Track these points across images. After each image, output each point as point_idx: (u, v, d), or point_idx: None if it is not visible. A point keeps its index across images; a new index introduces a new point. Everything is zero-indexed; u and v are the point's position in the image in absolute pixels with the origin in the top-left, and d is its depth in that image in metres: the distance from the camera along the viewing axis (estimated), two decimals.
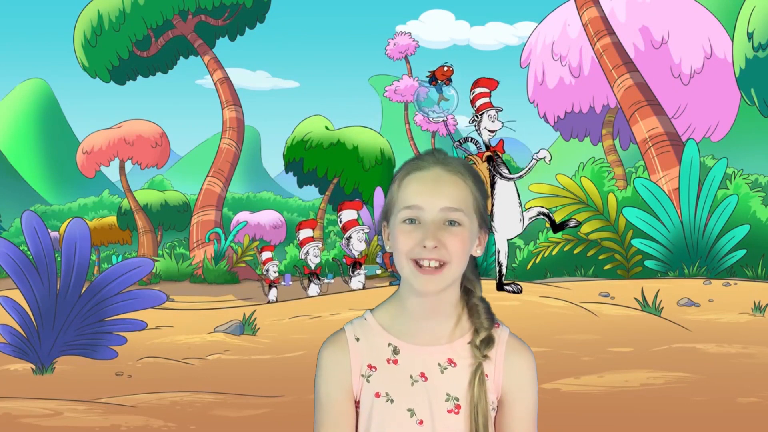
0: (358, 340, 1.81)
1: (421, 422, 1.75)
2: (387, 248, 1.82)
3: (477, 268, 1.85)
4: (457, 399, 1.76)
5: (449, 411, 1.76)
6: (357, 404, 1.80)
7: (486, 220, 1.83)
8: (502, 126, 9.73)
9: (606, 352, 7.25)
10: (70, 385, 6.78)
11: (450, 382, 1.76)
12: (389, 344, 1.80)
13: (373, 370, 1.79)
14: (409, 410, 1.76)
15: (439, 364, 1.77)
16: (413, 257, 1.74)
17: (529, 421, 1.82)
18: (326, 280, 12.82)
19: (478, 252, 1.81)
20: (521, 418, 1.81)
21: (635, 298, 9.31)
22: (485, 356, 1.77)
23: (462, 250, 1.75)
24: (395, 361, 1.78)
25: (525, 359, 1.82)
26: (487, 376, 1.78)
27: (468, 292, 1.83)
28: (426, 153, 1.83)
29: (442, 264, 1.73)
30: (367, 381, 1.79)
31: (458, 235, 1.74)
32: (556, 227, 9.81)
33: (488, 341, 1.78)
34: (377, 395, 1.77)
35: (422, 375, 1.77)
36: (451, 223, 1.75)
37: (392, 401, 1.76)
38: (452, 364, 1.77)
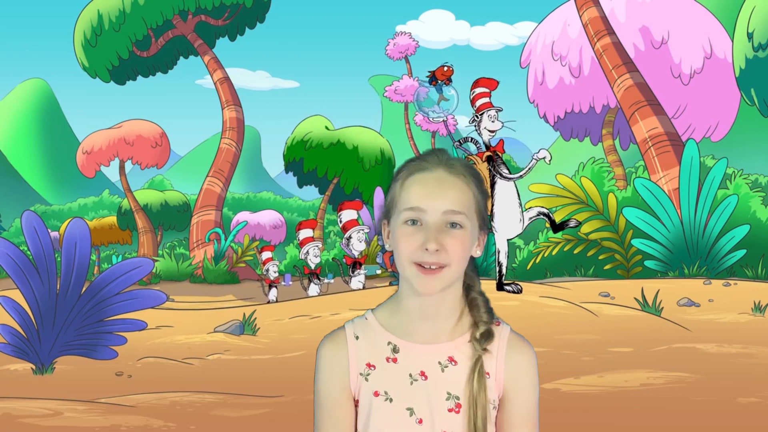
0: (357, 338, 1.81)
1: (420, 421, 1.75)
2: (387, 246, 1.81)
3: (476, 266, 1.86)
4: (458, 398, 1.75)
5: (450, 410, 1.75)
6: (356, 403, 1.80)
7: (486, 221, 1.83)
8: (502, 126, 9.72)
9: (606, 352, 7.25)
10: (70, 385, 6.77)
11: (451, 380, 1.76)
12: (389, 343, 1.79)
13: (372, 368, 1.78)
14: (408, 409, 1.75)
15: (440, 363, 1.77)
16: (415, 260, 1.73)
17: (530, 419, 1.81)
18: (326, 280, 12.82)
19: (477, 252, 1.81)
20: (522, 415, 1.81)
21: (635, 298, 9.30)
22: (485, 350, 1.77)
23: (462, 253, 1.75)
24: (395, 360, 1.78)
25: (526, 356, 1.81)
26: (488, 374, 1.77)
27: (468, 287, 1.83)
28: (428, 153, 1.82)
29: (441, 267, 1.73)
30: (366, 380, 1.78)
31: (459, 238, 1.74)
32: (556, 227, 9.81)
33: (487, 335, 1.78)
34: (376, 394, 1.77)
35: (422, 374, 1.76)
36: (453, 225, 1.74)
37: (391, 400, 1.76)
38: (453, 363, 1.77)
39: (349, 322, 1.85)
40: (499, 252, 9.57)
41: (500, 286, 9.37)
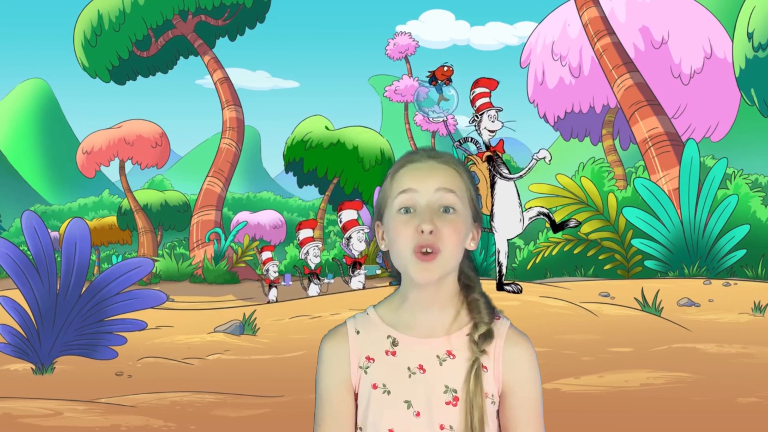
0: (358, 333, 1.82)
1: (417, 414, 1.75)
2: (382, 247, 1.82)
3: (473, 263, 1.86)
4: (455, 391, 1.76)
5: (447, 403, 1.76)
6: (356, 396, 1.81)
7: (479, 214, 1.85)
8: (502, 126, 9.72)
9: (606, 352, 7.25)
10: (70, 385, 6.78)
11: (449, 374, 1.77)
12: (388, 336, 1.80)
13: (371, 361, 1.79)
14: (405, 402, 1.76)
15: (438, 356, 1.78)
16: (413, 246, 1.74)
17: (532, 413, 1.81)
18: (326, 280, 12.82)
19: (472, 245, 1.82)
20: (524, 409, 1.81)
21: (635, 298, 9.30)
22: (483, 351, 1.77)
23: (456, 238, 1.76)
24: (393, 353, 1.79)
25: (524, 351, 1.81)
26: (486, 368, 1.78)
27: (467, 287, 1.83)
28: (417, 150, 1.86)
29: (436, 252, 1.73)
30: (365, 373, 1.79)
31: (453, 222, 1.75)
32: (556, 227, 9.81)
33: (487, 336, 1.78)
34: (374, 387, 1.78)
35: (420, 367, 1.77)
36: (446, 210, 1.76)
37: (389, 393, 1.77)
38: (451, 356, 1.78)
39: (350, 318, 1.87)
40: (499, 252, 9.57)
41: (500, 286, 9.37)
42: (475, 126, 9.80)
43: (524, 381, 1.80)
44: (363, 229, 12.19)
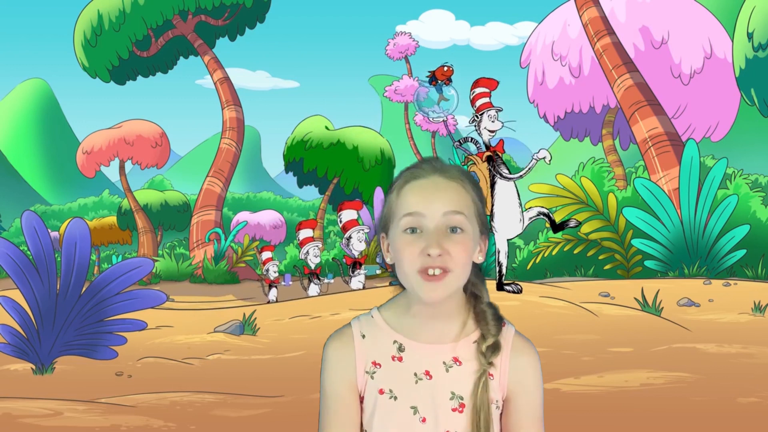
0: (363, 336, 1.82)
1: (423, 420, 1.76)
2: (387, 260, 1.81)
3: (481, 273, 1.86)
4: (462, 398, 1.76)
5: (453, 409, 1.76)
6: (361, 399, 1.81)
7: (486, 226, 1.84)
8: (502, 126, 9.73)
9: (606, 352, 7.25)
10: (70, 385, 6.78)
11: (455, 380, 1.77)
12: (395, 342, 1.80)
13: (378, 367, 1.79)
14: (412, 408, 1.76)
15: (444, 363, 1.78)
16: (418, 267, 1.73)
17: (534, 417, 1.83)
18: (326, 280, 12.82)
19: (479, 258, 1.81)
20: (526, 414, 1.82)
21: (635, 298, 9.30)
22: (490, 363, 1.77)
23: (465, 257, 1.75)
24: (400, 359, 1.79)
25: (530, 358, 1.82)
26: (491, 375, 1.78)
27: (475, 297, 1.83)
28: (422, 161, 1.83)
29: (446, 272, 1.73)
30: (372, 378, 1.79)
31: (461, 242, 1.74)
32: (556, 227, 9.81)
33: (494, 348, 1.78)
34: (381, 392, 1.78)
35: (427, 373, 1.77)
36: (453, 230, 1.74)
37: (395, 398, 1.77)
38: (458, 363, 1.78)
39: (355, 320, 1.86)
40: (499, 252, 9.57)
41: (500, 286, 9.38)
42: (475, 126, 9.80)
43: (529, 389, 1.82)
44: (363, 229, 12.19)
